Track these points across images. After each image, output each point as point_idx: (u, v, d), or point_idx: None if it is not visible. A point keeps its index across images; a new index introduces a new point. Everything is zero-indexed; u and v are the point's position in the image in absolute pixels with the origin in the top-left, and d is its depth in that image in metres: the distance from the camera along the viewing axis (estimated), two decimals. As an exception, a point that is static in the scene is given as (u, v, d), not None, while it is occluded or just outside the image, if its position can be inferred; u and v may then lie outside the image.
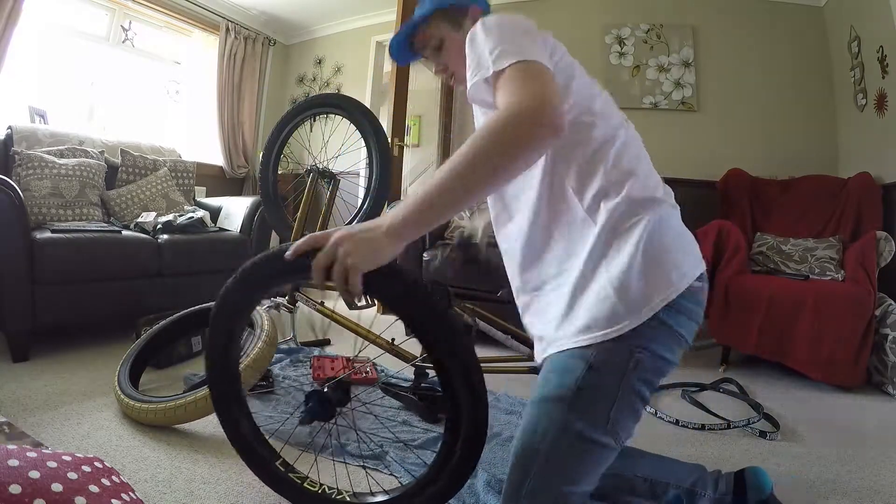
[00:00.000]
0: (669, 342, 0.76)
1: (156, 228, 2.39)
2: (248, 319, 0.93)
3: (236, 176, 4.16)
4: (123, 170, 2.75)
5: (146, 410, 1.35)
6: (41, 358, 1.86)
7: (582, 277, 0.77)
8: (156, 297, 2.21)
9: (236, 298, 0.88)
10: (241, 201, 2.87)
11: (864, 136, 2.73)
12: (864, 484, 1.25)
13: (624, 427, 0.75)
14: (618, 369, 0.73)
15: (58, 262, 1.90)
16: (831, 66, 3.02)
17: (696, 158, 3.15)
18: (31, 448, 0.75)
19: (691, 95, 3.25)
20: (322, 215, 1.93)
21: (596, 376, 0.73)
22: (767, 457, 1.39)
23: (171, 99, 4.03)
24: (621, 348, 0.73)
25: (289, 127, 1.86)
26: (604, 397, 0.74)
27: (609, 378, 0.73)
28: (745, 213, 2.78)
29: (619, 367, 0.73)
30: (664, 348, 0.75)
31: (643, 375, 0.74)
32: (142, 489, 1.05)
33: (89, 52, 3.41)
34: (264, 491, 1.09)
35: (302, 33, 4.55)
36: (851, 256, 2.25)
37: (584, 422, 0.73)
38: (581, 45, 3.43)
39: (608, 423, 0.73)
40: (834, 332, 1.99)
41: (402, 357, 1.46)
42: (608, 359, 0.73)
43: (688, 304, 0.76)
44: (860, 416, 1.75)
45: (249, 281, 0.85)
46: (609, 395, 0.73)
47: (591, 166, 0.79)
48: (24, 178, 2.26)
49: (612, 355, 0.73)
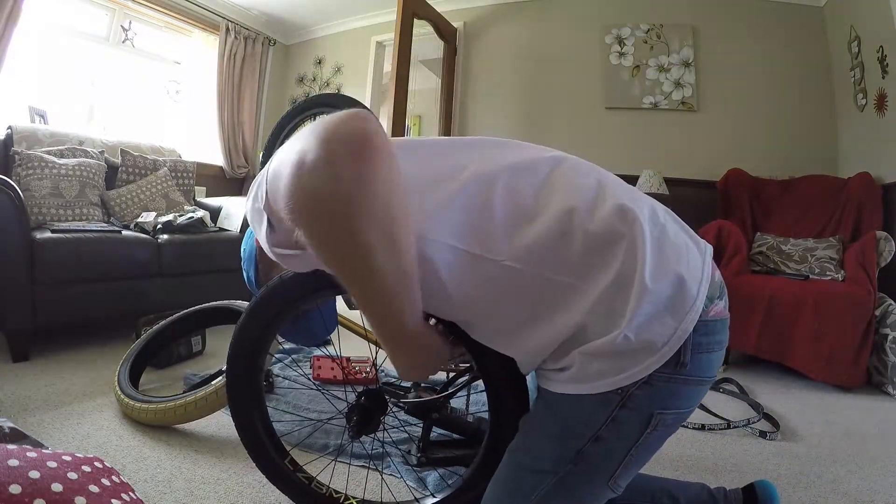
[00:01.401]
0: (690, 388, 0.64)
1: (156, 228, 2.39)
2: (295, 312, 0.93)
3: (236, 176, 4.16)
4: (123, 170, 2.75)
5: (146, 410, 1.35)
6: (41, 358, 1.86)
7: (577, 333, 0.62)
8: (156, 297, 2.21)
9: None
10: (241, 201, 2.86)
11: (864, 136, 2.73)
12: (864, 484, 1.25)
13: (626, 477, 0.67)
14: (631, 437, 0.64)
15: (58, 262, 1.90)
16: (831, 66, 3.02)
17: (696, 158, 3.15)
18: (31, 448, 0.75)
19: (691, 95, 3.24)
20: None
21: (603, 446, 0.63)
22: (767, 457, 1.39)
23: (171, 99, 4.03)
24: (636, 416, 0.62)
25: (289, 127, 1.86)
26: (609, 463, 0.65)
27: (618, 445, 0.64)
28: (745, 213, 2.78)
29: (632, 435, 0.63)
30: (684, 399, 0.64)
31: (662, 432, 0.65)
32: (142, 489, 1.05)
33: (89, 52, 3.41)
34: (264, 491, 1.09)
35: (302, 33, 4.55)
36: (851, 256, 2.25)
37: (580, 486, 0.66)
38: (581, 45, 3.44)
39: (610, 479, 0.66)
40: (834, 332, 2.00)
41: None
42: (619, 430, 0.63)
43: (702, 339, 0.62)
44: (860, 416, 1.75)
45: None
46: (616, 459, 0.65)
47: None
48: (24, 178, 2.26)
49: (624, 426, 0.62)
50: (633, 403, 0.62)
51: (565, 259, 0.61)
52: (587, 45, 3.41)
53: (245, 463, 1.21)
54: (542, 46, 3.54)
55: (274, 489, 1.10)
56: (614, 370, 0.61)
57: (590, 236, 0.60)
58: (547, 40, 3.53)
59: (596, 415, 0.63)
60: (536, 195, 0.63)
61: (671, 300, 0.60)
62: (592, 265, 0.60)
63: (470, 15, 3.78)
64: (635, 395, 0.61)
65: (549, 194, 0.63)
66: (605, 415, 0.62)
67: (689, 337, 0.60)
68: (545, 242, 0.61)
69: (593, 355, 0.61)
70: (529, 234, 0.61)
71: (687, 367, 0.61)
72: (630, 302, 0.58)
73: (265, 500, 1.06)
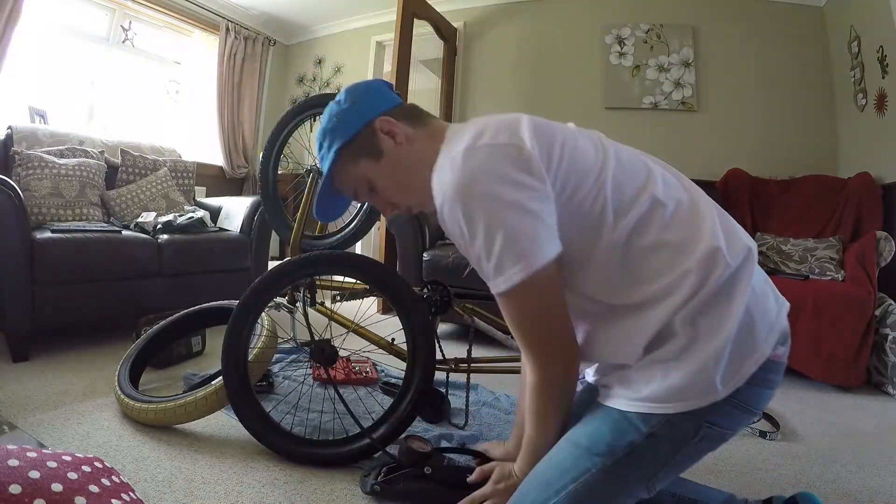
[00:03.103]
0: (741, 416, 0.71)
1: (156, 228, 2.39)
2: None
3: (236, 176, 4.16)
4: (123, 170, 2.75)
5: (146, 410, 1.35)
6: (41, 358, 1.86)
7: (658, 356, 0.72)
8: (156, 297, 2.21)
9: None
10: (241, 201, 2.86)
11: (864, 136, 2.73)
12: (864, 484, 1.25)
13: (664, 482, 0.73)
14: (680, 441, 0.70)
15: (58, 262, 1.90)
16: (831, 66, 3.02)
17: (696, 158, 3.15)
18: (31, 448, 0.75)
19: (691, 95, 3.25)
20: (322, 215, 1.93)
21: (653, 443, 0.69)
22: (767, 457, 1.39)
23: (171, 99, 4.03)
24: (691, 421, 0.68)
25: (289, 127, 1.86)
26: (655, 462, 0.71)
27: (668, 446, 0.70)
28: (745, 212, 2.78)
29: (681, 439, 0.69)
30: (734, 422, 0.72)
31: (705, 445, 0.71)
32: (142, 489, 1.05)
33: (89, 52, 3.41)
34: (264, 491, 1.09)
35: (302, 33, 4.55)
36: (851, 256, 2.25)
37: (624, 479, 0.71)
38: (581, 45, 3.44)
39: (649, 481, 0.71)
40: (834, 332, 2.00)
41: (402, 357, 1.46)
42: (673, 430, 0.69)
43: (769, 376, 0.71)
44: (860, 416, 1.75)
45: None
46: (661, 461, 0.71)
47: (640, 267, 0.71)
48: (24, 178, 2.27)
49: (677, 428, 0.69)
50: (690, 412, 0.68)
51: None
52: (587, 45, 3.41)
53: (245, 463, 1.21)
54: (542, 46, 3.54)
55: (275, 489, 1.11)
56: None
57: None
58: (547, 40, 3.54)
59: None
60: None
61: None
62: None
63: (470, 15, 3.78)
64: None
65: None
66: (664, 416, 0.69)
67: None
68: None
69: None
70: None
71: (742, 393, 0.68)
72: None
73: (265, 500, 1.06)
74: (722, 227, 0.73)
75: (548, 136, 0.72)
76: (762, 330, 0.69)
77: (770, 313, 0.72)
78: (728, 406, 0.68)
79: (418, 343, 1.30)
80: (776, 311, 0.73)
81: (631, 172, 0.74)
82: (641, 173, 0.75)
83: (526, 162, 0.68)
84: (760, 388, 0.71)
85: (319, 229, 1.94)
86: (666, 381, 0.68)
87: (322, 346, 1.33)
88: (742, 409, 0.70)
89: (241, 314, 1.32)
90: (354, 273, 1.38)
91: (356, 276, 1.39)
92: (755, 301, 0.70)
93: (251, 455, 1.25)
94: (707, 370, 0.66)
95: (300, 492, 1.10)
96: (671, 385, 0.68)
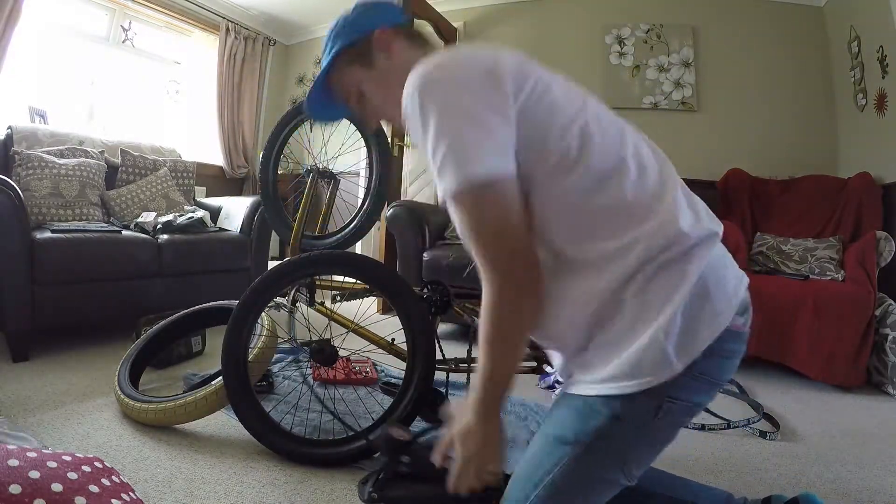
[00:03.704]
0: (704, 388, 0.71)
1: (156, 228, 2.39)
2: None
3: (236, 176, 4.16)
4: (123, 170, 2.75)
5: (146, 410, 1.35)
6: (41, 358, 1.86)
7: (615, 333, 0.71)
8: (156, 297, 2.21)
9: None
10: (241, 201, 2.86)
11: (864, 136, 2.73)
12: (864, 484, 1.25)
13: (640, 465, 0.73)
14: (644, 418, 0.69)
15: (58, 262, 1.90)
16: (831, 66, 3.02)
17: (696, 158, 3.15)
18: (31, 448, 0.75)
19: (691, 95, 3.25)
20: (322, 215, 1.92)
21: (618, 425, 0.69)
22: (767, 457, 1.39)
23: (171, 99, 4.03)
24: (651, 399, 0.68)
25: (289, 127, 1.86)
26: (623, 443, 0.71)
27: (633, 426, 0.70)
28: (745, 212, 2.78)
29: (645, 416, 0.69)
30: (698, 394, 0.71)
31: (671, 420, 0.71)
32: (142, 489, 1.05)
33: (89, 52, 3.41)
34: (264, 491, 1.09)
35: (302, 33, 4.55)
36: (851, 256, 2.25)
37: (596, 464, 0.71)
38: (581, 45, 3.44)
39: (623, 465, 0.71)
40: (834, 332, 2.00)
41: (401, 357, 1.46)
42: (635, 409, 0.69)
43: (729, 345, 0.70)
44: (860, 416, 1.75)
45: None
46: (629, 441, 0.70)
47: (600, 224, 0.70)
48: (24, 178, 2.27)
49: (639, 405, 0.69)
50: (650, 389, 0.67)
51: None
52: (587, 45, 3.41)
53: (245, 463, 1.21)
54: (542, 46, 3.54)
55: (275, 489, 1.11)
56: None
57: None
58: (547, 40, 3.53)
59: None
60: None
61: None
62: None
63: (470, 15, 3.78)
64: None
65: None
66: (624, 396, 0.69)
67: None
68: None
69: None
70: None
71: (698, 365, 0.67)
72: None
73: (265, 500, 1.06)
74: (688, 205, 0.73)
75: (528, 68, 0.72)
76: (719, 300, 0.69)
77: (727, 285, 0.71)
78: (687, 378, 0.67)
79: (418, 343, 1.30)
80: (735, 283, 0.73)
81: (605, 127, 0.74)
82: (615, 132, 0.75)
83: (495, 78, 0.68)
84: (720, 359, 0.70)
85: (319, 229, 1.93)
86: (620, 358, 0.68)
87: (322, 346, 1.33)
88: (703, 381, 0.70)
89: (241, 314, 1.32)
90: (354, 273, 1.38)
91: (356, 276, 1.39)
92: (712, 274, 0.69)
93: (251, 455, 1.25)
94: (658, 342, 0.66)
95: (300, 492, 1.10)
96: (625, 362, 0.67)
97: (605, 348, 0.70)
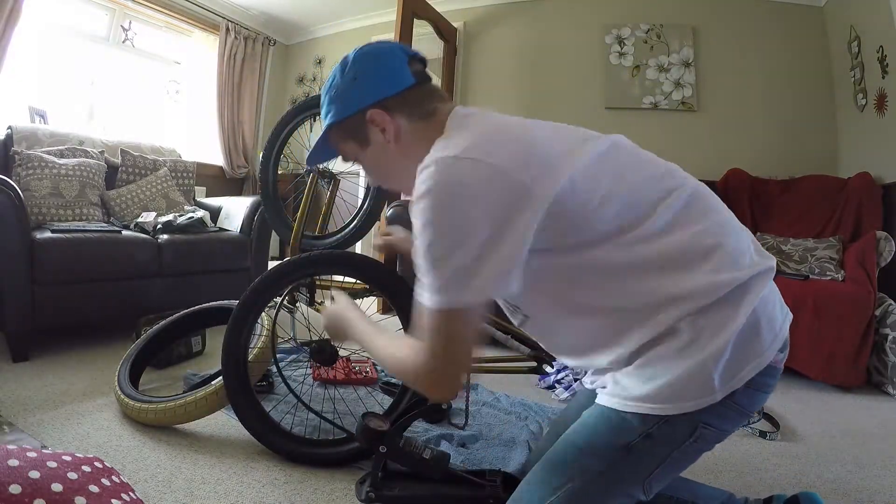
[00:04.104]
0: (736, 418, 0.72)
1: (156, 228, 2.39)
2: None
3: (236, 176, 4.16)
4: (123, 170, 2.75)
5: (146, 410, 1.35)
6: (41, 358, 1.86)
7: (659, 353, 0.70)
8: (156, 297, 2.21)
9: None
10: (241, 201, 2.86)
11: (864, 136, 2.73)
12: (864, 484, 1.25)
13: (660, 483, 0.73)
14: (676, 441, 0.70)
15: (58, 262, 1.90)
16: (831, 66, 3.02)
17: (696, 158, 3.14)
18: (31, 448, 0.75)
19: (691, 95, 3.25)
20: (322, 215, 1.93)
21: (650, 444, 0.69)
22: (767, 457, 1.39)
23: (171, 99, 4.03)
24: (687, 422, 0.69)
25: (289, 127, 1.86)
26: (652, 462, 0.71)
27: (664, 447, 0.70)
28: (745, 212, 2.78)
29: (678, 439, 0.69)
30: (729, 423, 0.72)
31: (701, 445, 0.71)
32: (142, 489, 1.05)
33: (89, 52, 3.41)
34: (264, 491, 1.09)
35: (302, 33, 4.55)
36: (851, 256, 2.25)
37: (620, 479, 0.71)
38: (581, 45, 3.44)
39: (646, 482, 0.71)
40: (834, 332, 2.00)
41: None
42: (669, 432, 0.69)
43: (766, 379, 0.71)
44: (860, 416, 1.75)
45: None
46: (657, 460, 0.70)
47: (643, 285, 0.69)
48: (24, 178, 2.26)
49: (674, 428, 0.69)
50: (687, 413, 0.68)
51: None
52: (587, 45, 3.41)
53: (245, 463, 1.21)
54: (542, 46, 3.54)
55: (275, 488, 1.11)
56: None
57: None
58: (547, 40, 3.53)
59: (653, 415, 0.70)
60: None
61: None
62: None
63: (470, 15, 3.78)
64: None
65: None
66: (661, 417, 0.69)
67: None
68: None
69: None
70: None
71: (737, 396, 0.69)
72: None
73: (265, 500, 1.06)
74: (746, 238, 0.75)
75: (547, 165, 0.68)
76: (767, 337, 0.70)
77: (776, 321, 0.72)
78: (723, 408, 0.68)
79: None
80: (781, 320, 0.74)
81: (641, 186, 0.73)
82: (653, 191, 0.73)
83: (522, 195, 0.65)
84: (757, 392, 0.71)
85: (319, 229, 1.94)
86: (663, 379, 0.67)
87: (322, 346, 1.33)
88: (736, 411, 0.71)
89: (241, 314, 1.32)
90: (354, 273, 1.38)
91: (356, 275, 1.39)
92: (763, 308, 0.70)
93: (251, 455, 1.25)
94: (706, 370, 0.66)
95: (300, 492, 1.10)
96: (668, 384, 0.67)
97: (647, 367, 0.69)
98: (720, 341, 0.66)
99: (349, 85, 0.81)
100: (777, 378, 0.74)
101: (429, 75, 0.86)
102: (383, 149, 0.80)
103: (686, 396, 0.67)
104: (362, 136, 0.81)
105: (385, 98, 0.78)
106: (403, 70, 0.80)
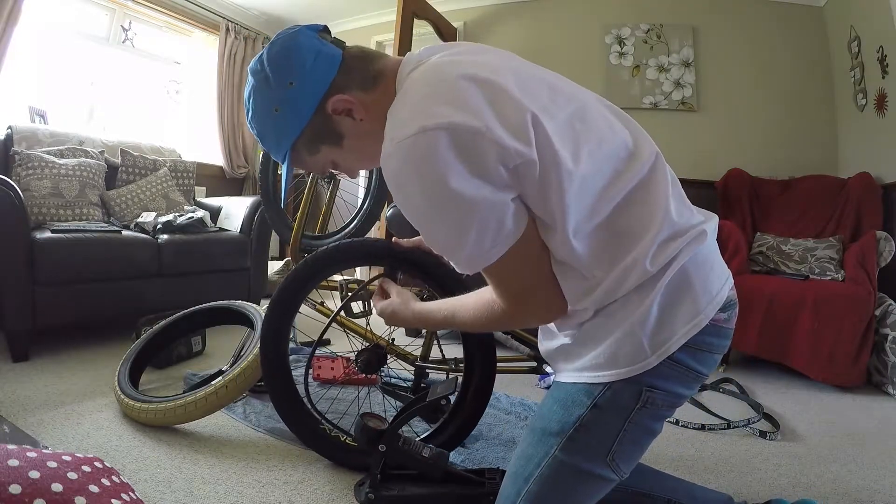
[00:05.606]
0: (685, 379, 0.72)
1: (156, 228, 2.39)
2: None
3: (236, 176, 4.16)
4: (123, 170, 2.75)
5: (146, 410, 1.35)
6: (41, 358, 1.86)
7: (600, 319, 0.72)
8: (156, 297, 2.21)
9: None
10: (241, 201, 2.87)
11: (864, 136, 2.73)
12: (864, 484, 1.25)
13: (626, 460, 0.73)
14: (624, 408, 0.70)
15: (58, 262, 1.90)
16: (831, 66, 3.02)
17: (696, 158, 3.15)
18: (31, 448, 0.75)
19: (691, 95, 3.25)
20: (322, 215, 1.93)
21: (599, 414, 0.70)
22: (767, 457, 1.39)
23: (171, 99, 4.03)
24: (631, 388, 0.69)
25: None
26: (606, 434, 0.71)
27: (614, 416, 0.70)
28: (745, 212, 2.78)
29: (626, 406, 0.70)
30: (678, 385, 0.72)
31: (653, 412, 0.71)
32: (142, 489, 1.05)
33: (89, 52, 3.40)
34: (264, 491, 1.10)
35: (302, 33, 4.55)
36: (851, 256, 2.25)
37: (582, 455, 0.71)
38: (581, 45, 3.43)
39: (608, 457, 0.71)
40: (834, 332, 2.00)
41: (404, 357, 1.46)
42: (615, 398, 0.70)
43: (710, 339, 0.71)
44: (860, 416, 1.75)
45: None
46: (612, 432, 0.70)
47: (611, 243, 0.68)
48: (24, 178, 2.27)
49: (619, 394, 0.69)
50: (629, 379, 0.69)
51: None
52: (587, 45, 3.41)
53: (245, 463, 1.21)
54: (542, 46, 3.54)
55: (275, 489, 1.11)
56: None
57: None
58: (547, 40, 3.53)
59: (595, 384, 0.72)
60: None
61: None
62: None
63: (470, 15, 3.78)
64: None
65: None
66: (604, 385, 0.70)
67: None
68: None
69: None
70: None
71: (679, 357, 0.69)
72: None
73: (265, 500, 1.06)
74: (674, 196, 0.71)
75: (520, 111, 0.62)
76: (702, 299, 0.69)
77: (711, 283, 0.71)
78: (666, 368, 0.69)
79: (474, 348, 1.22)
80: (721, 281, 0.73)
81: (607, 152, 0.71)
82: (620, 155, 0.72)
83: (477, 156, 0.60)
84: (701, 352, 0.71)
85: (319, 229, 1.94)
86: (598, 348, 0.70)
87: (369, 357, 1.27)
88: (681, 372, 0.71)
89: (276, 312, 1.26)
90: (417, 270, 1.18)
91: (420, 274, 1.19)
92: (696, 270, 0.70)
93: (251, 455, 1.26)
94: (635, 335, 0.67)
95: (300, 492, 1.10)
96: (602, 352, 0.69)
97: (585, 339, 0.72)
98: (643, 307, 0.67)
99: (288, 91, 0.70)
100: (725, 339, 0.74)
101: (342, 40, 0.78)
102: (359, 131, 0.73)
103: (620, 363, 0.69)
104: (332, 132, 0.73)
105: (332, 81, 0.71)
106: (324, 46, 0.72)
